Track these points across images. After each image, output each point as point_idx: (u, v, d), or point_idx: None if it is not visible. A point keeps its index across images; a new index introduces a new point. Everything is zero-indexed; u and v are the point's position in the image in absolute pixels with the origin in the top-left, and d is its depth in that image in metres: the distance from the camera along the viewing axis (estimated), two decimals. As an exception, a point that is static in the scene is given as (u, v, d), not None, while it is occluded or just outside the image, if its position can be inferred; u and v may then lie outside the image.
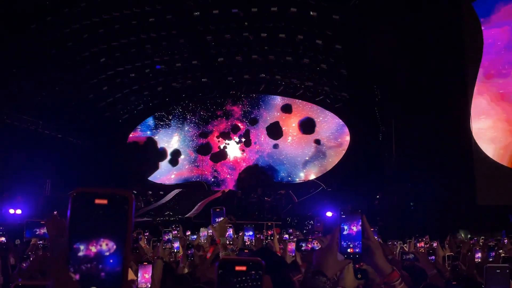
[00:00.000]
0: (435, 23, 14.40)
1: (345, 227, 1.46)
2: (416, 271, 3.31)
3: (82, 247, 0.63)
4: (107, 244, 0.64)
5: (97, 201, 0.65)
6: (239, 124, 24.34)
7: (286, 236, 7.27)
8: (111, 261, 0.63)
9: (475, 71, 14.83)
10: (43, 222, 3.35)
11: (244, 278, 0.81)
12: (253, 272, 0.81)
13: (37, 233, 3.55)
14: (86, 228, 0.64)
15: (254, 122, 23.79)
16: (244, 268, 0.81)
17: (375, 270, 1.50)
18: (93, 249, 0.63)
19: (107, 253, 0.63)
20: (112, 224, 0.64)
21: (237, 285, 0.81)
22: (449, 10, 14.74)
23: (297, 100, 21.91)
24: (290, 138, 22.97)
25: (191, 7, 16.33)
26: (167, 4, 16.23)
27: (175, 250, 4.42)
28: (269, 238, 4.69)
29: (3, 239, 4.82)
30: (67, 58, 18.30)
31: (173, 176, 23.45)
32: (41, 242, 3.71)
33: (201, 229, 5.84)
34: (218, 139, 24.11)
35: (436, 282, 2.96)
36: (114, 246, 0.64)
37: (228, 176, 23.37)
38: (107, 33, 17.60)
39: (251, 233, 4.10)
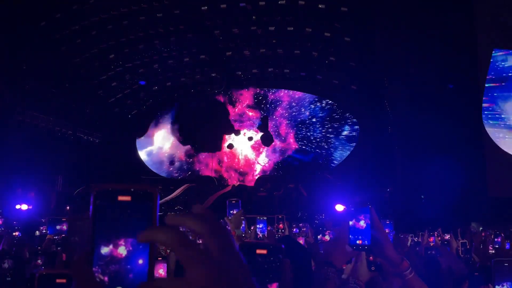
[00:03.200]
0: (444, 11, 14.21)
1: (354, 220, 1.47)
2: (432, 263, 3.30)
3: (106, 247, 0.60)
4: (132, 243, 0.60)
5: (120, 198, 0.61)
6: (251, 113, 22.78)
7: (296, 229, 7.28)
8: (139, 261, 0.60)
9: (488, 57, 14.61)
10: (65, 220, 3.39)
11: (264, 261, 0.82)
12: (273, 255, 0.82)
13: (59, 230, 3.59)
14: (110, 227, 0.60)
15: None
16: (265, 251, 0.82)
17: (385, 261, 1.52)
18: (119, 249, 0.60)
19: (133, 253, 0.60)
20: (137, 222, 0.60)
21: (258, 268, 0.82)
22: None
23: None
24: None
25: (199, 2, 16.32)
26: (174, 0, 16.25)
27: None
28: (280, 231, 4.69)
29: (18, 233, 4.91)
30: (76, 54, 18.43)
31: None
32: (56, 237, 3.75)
33: None
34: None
35: (462, 274, 2.96)
36: (140, 245, 0.60)
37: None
38: (115, 29, 17.68)
39: (262, 225, 4.10)
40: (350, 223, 1.47)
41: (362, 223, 1.47)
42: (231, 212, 3.02)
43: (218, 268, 0.57)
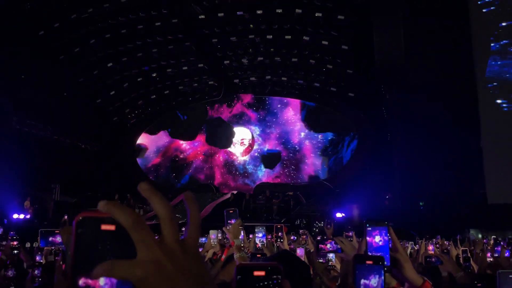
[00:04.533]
0: (442, 19, 14.31)
1: (371, 239, 1.42)
2: (433, 271, 3.28)
3: (87, 279, 0.56)
4: None
5: (104, 227, 0.58)
6: (249, 113, 22.45)
7: (294, 236, 7.24)
8: None
9: (484, 65, 14.68)
10: (58, 232, 3.33)
11: (263, 283, 0.78)
12: (272, 277, 0.78)
13: (52, 241, 3.53)
14: (93, 257, 0.57)
15: None
16: (263, 273, 0.79)
17: (406, 282, 1.48)
18: (100, 280, 0.56)
19: (117, 284, 0.56)
20: (121, 252, 0.57)
21: None
22: (456, 6, 14.65)
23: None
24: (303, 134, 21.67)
25: (197, 11, 16.40)
26: (172, 8, 16.32)
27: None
28: (279, 240, 4.67)
29: (16, 243, 4.88)
30: (75, 63, 18.48)
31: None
32: (53, 248, 3.71)
33: (211, 231, 5.78)
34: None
35: (464, 282, 2.94)
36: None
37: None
38: (113, 38, 17.74)
39: (261, 234, 4.07)
40: (368, 242, 1.40)
41: (380, 243, 1.41)
42: (229, 222, 2.99)
43: (168, 254, 0.58)
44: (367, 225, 1.42)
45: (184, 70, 20.11)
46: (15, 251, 4.60)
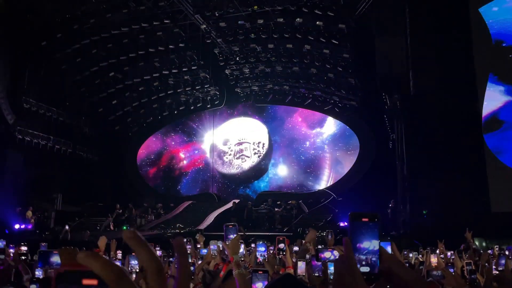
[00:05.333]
0: (443, 29, 14.33)
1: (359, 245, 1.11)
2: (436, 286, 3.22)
3: None
4: None
5: (85, 281, 0.55)
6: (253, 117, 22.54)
7: (297, 247, 7.16)
8: None
9: (486, 74, 14.66)
10: (56, 252, 3.29)
11: None
12: None
13: (50, 262, 3.47)
14: None
15: None
16: None
17: None
18: None
19: None
20: None
21: None
22: (457, 15, 14.68)
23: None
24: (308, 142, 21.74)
25: (198, 21, 16.49)
26: (174, 19, 16.42)
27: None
28: (281, 252, 4.60)
29: (25, 248, 4.87)
30: (77, 73, 18.56)
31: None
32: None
33: (211, 242, 5.71)
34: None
35: None
36: None
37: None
38: (116, 47, 17.83)
39: (263, 249, 4.00)
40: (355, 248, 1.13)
41: (369, 247, 1.11)
42: (229, 237, 2.93)
43: None
44: (353, 219, 1.05)
45: (186, 79, 20.16)
46: (23, 257, 4.62)
